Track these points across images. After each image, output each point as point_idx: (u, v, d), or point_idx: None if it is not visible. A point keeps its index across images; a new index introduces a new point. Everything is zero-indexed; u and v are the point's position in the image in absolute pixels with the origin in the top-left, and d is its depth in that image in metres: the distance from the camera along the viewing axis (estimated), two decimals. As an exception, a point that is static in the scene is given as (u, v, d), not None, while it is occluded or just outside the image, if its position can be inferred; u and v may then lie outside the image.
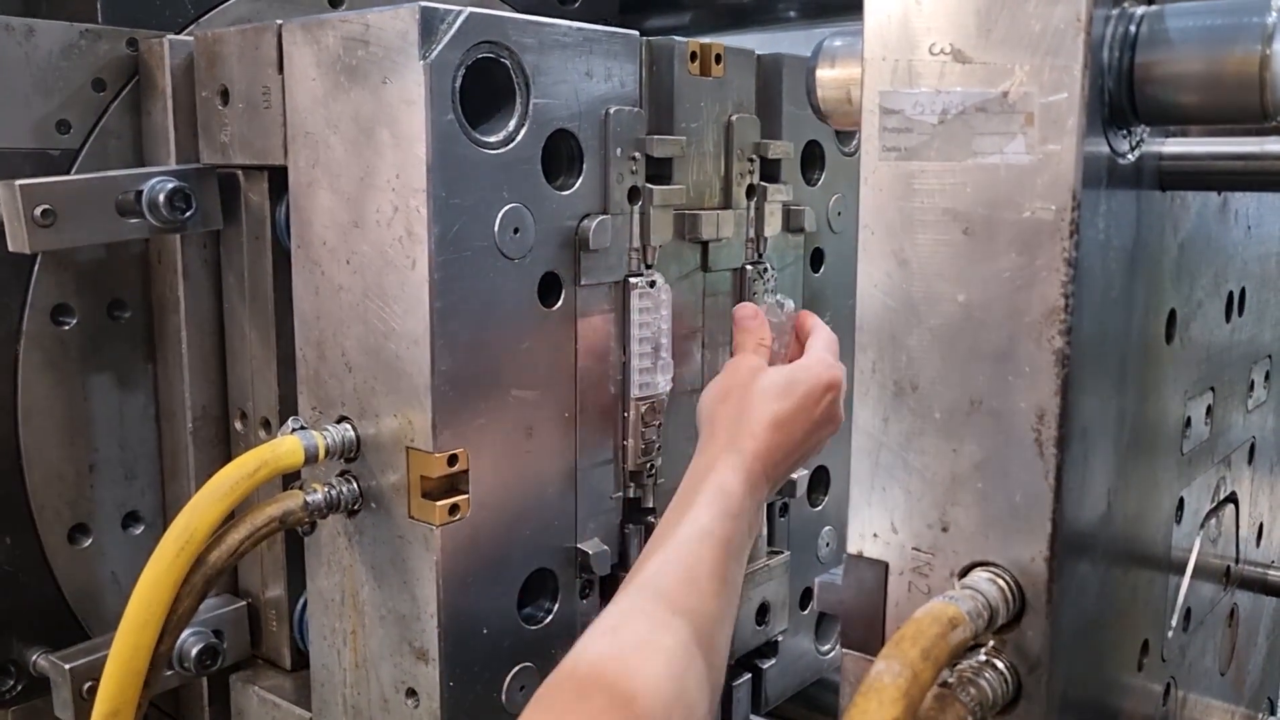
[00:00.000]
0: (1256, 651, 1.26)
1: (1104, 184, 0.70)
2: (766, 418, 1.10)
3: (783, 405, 1.12)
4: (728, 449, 1.08)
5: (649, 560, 0.98)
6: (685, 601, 0.94)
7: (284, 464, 1.07)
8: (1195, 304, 0.89)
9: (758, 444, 1.09)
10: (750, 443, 1.08)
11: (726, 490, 1.04)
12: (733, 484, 1.05)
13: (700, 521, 1.01)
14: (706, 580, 0.97)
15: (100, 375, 1.30)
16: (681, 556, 0.98)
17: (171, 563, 1.00)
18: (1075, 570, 0.74)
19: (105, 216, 1.19)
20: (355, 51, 1.05)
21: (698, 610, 0.94)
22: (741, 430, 1.10)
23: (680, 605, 0.93)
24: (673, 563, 0.97)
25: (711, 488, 1.04)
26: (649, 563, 0.98)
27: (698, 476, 1.07)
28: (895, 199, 0.74)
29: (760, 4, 1.93)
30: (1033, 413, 0.70)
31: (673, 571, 0.97)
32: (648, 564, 0.98)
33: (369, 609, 1.14)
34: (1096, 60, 0.67)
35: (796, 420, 1.12)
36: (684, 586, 0.95)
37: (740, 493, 1.04)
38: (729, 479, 1.05)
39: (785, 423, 1.11)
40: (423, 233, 1.02)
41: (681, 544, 0.99)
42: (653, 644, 0.89)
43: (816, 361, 1.19)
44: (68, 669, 1.20)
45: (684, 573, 0.96)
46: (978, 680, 0.71)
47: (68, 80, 1.23)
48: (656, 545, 1.00)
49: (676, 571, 0.97)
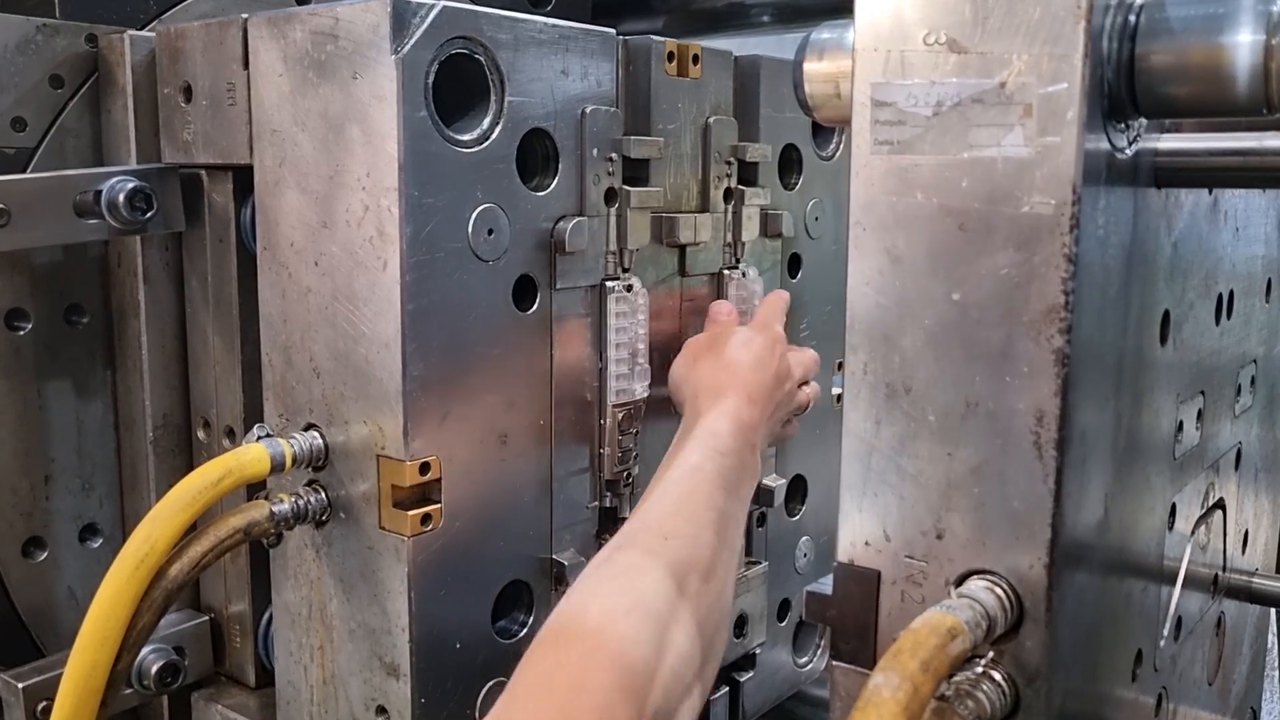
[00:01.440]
0: (1241, 661, 1.24)
1: (1103, 179, 0.68)
2: (740, 363, 1.16)
3: (750, 351, 1.18)
4: (713, 398, 1.11)
5: (640, 506, 1.00)
6: (675, 530, 0.95)
7: (249, 473, 1.03)
8: (1187, 305, 0.87)
9: (739, 387, 1.13)
10: (732, 388, 1.12)
11: (714, 431, 1.07)
12: (720, 425, 1.08)
13: (690, 460, 1.03)
14: (702, 509, 0.98)
15: (57, 382, 1.25)
16: (672, 491, 1.00)
17: (130, 576, 0.95)
18: (1074, 578, 0.71)
19: (62, 217, 1.15)
20: (324, 46, 1.01)
21: (691, 538, 0.95)
22: (719, 380, 1.14)
23: (670, 537, 0.94)
24: (664, 498, 0.99)
25: (699, 431, 1.07)
26: (640, 508, 1.00)
27: (686, 429, 1.10)
28: (887, 194, 0.71)
29: (733, 8, 1.91)
30: (1031, 415, 0.68)
31: (662, 506, 0.98)
32: (639, 509, 0.99)
33: (337, 623, 1.10)
34: (1096, 49, 0.65)
35: (764, 365, 1.18)
36: (674, 516, 0.97)
37: (729, 431, 1.07)
38: (716, 421, 1.08)
39: (757, 365, 1.17)
40: (394, 233, 0.99)
41: (673, 481, 1.01)
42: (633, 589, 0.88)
43: (759, 320, 1.28)
44: (21, 688, 1.15)
45: (673, 505, 0.98)
46: (975, 692, 0.69)
47: (23, 76, 1.19)
48: (649, 490, 1.02)
49: (665, 505, 0.98)
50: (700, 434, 1.07)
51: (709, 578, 0.94)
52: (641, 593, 0.88)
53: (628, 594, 0.87)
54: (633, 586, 0.88)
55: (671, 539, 0.94)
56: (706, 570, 0.94)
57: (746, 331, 1.24)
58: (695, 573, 0.93)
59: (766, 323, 1.28)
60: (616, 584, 0.89)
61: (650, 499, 1.00)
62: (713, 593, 0.95)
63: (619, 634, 0.82)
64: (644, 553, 0.92)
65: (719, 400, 1.11)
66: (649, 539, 0.94)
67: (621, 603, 0.86)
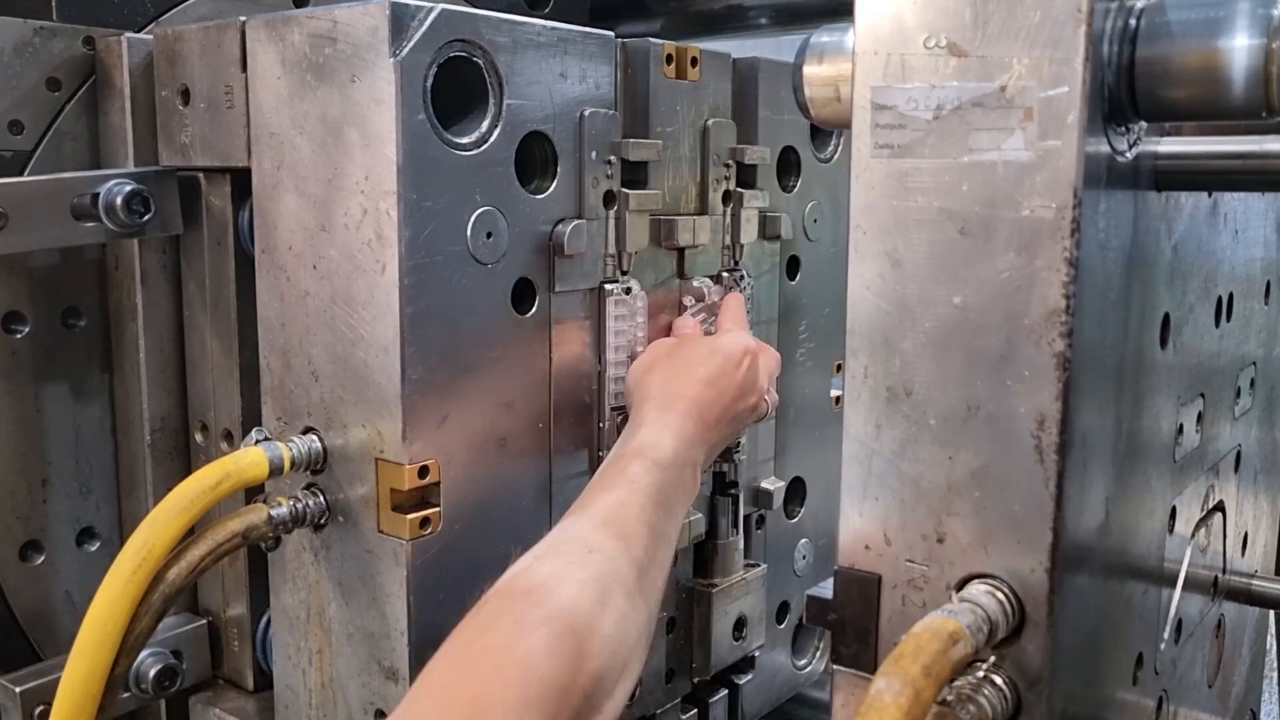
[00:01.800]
0: (1240, 663, 1.24)
1: (1103, 182, 0.68)
2: (695, 377, 1.14)
3: (708, 367, 1.15)
4: (658, 409, 1.10)
5: (568, 515, 0.98)
6: (601, 544, 0.92)
7: (248, 476, 1.02)
8: (1187, 308, 0.87)
9: (687, 402, 1.11)
10: (680, 402, 1.11)
11: (655, 443, 1.05)
12: (662, 438, 1.06)
13: (627, 472, 1.01)
14: (633, 523, 0.96)
15: (54, 386, 1.25)
16: (602, 502, 0.98)
17: (128, 580, 0.95)
18: (1075, 581, 0.71)
19: (60, 220, 1.14)
20: (322, 49, 1.01)
21: (617, 552, 0.92)
22: (670, 391, 1.12)
23: (595, 551, 0.91)
24: (595, 509, 0.97)
25: (639, 441, 1.05)
26: (568, 517, 0.98)
27: (627, 436, 1.09)
28: (887, 198, 0.71)
29: (731, 10, 1.91)
30: (1032, 418, 0.68)
31: (591, 518, 0.96)
32: (567, 517, 0.97)
33: (336, 627, 1.10)
34: (1097, 53, 0.65)
35: (722, 380, 1.15)
36: (603, 530, 0.94)
37: (670, 445, 1.05)
38: (658, 434, 1.06)
39: (713, 381, 1.14)
40: (393, 236, 0.98)
41: (605, 491, 0.99)
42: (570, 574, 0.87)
43: (730, 332, 1.24)
44: (18, 692, 1.15)
45: (603, 517, 0.95)
46: (977, 697, 0.69)
47: (20, 79, 1.19)
48: (580, 501, 1.00)
49: (595, 516, 0.96)
50: (641, 445, 1.05)
51: (631, 594, 0.90)
52: (557, 606, 0.84)
53: (542, 605, 0.84)
54: (549, 599, 0.84)
55: (596, 553, 0.91)
56: (631, 587, 0.90)
57: (712, 342, 1.20)
58: (619, 587, 0.89)
59: (734, 331, 1.24)
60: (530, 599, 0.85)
61: (580, 508, 0.98)
62: (635, 611, 0.90)
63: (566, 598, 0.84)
64: (566, 563, 0.89)
65: (666, 412, 1.09)
66: (573, 550, 0.91)
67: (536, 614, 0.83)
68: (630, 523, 0.96)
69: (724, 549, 1.38)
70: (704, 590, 1.37)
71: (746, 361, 1.19)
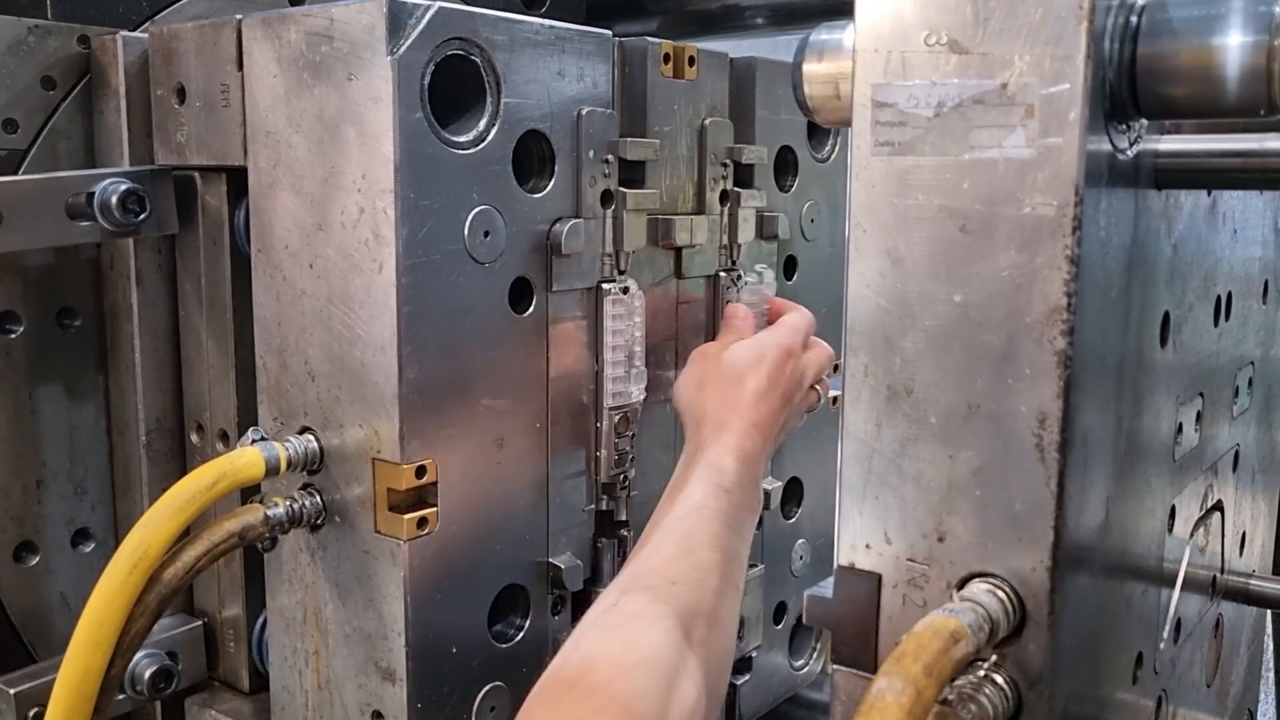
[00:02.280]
0: (1239, 663, 1.24)
1: (1104, 180, 0.68)
2: (748, 394, 1.13)
3: (758, 378, 1.14)
4: (716, 430, 1.09)
5: (644, 544, 0.99)
6: (682, 574, 0.93)
7: (244, 476, 1.02)
8: (1187, 307, 0.87)
9: (745, 421, 1.10)
10: (738, 420, 1.10)
11: (719, 466, 1.05)
12: (725, 460, 1.06)
13: (694, 497, 1.02)
14: (705, 550, 0.97)
15: (49, 386, 1.24)
16: (677, 531, 0.99)
17: (124, 581, 0.95)
18: (1076, 580, 0.71)
19: (55, 219, 1.14)
20: (319, 47, 1.01)
21: (697, 582, 0.93)
22: (726, 409, 1.11)
23: (677, 582, 0.92)
24: (669, 538, 0.98)
25: (703, 466, 1.05)
26: (644, 547, 0.98)
27: (689, 461, 1.08)
28: (888, 195, 0.71)
29: (727, 10, 1.91)
30: (1034, 417, 0.67)
31: (668, 548, 0.97)
32: (643, 548, 0.98)
33: (333, 628, 1.10)
34: (1099, 51, 0.64)
35: (774, 389, 1.15)
36: (680, 560, 0.95)
37: (733, 468, 1.05)
38: (720, 456, 1.06)
39: (766, 393, 1.14)
40: (390, 235, 0.98)
41: (677, 520, 1.00)
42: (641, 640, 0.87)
43: (775, 332, 1.23)
44: (12, 694, 1.14)
45: (678, 547, 0.97)
46: (978, 696, 0.68)
47: (15, 78, 1.18)
48: (652, 528, 1.01)
49: (671, 547, 0.97)
50: (704, 469, 1.05)
51: (715, 622, 0.93)
52: (650, 643, 0.86)
53: (636, 647, 0.86)
54: (641, 637, 0.87)
55: (678, 584, 0.93)
56: (712, 614, 0.93)
57: (756, 347, 1.18)
58: (702, 618, 0.91)
59: (779, 329, 1.24)
60: (624, 634, 0.87)
61: (654, 538, 0.99)
62: (719, 638, 0.93)
63: (627, 690, 0.81)
64: (650, 599, 0.91)
65: (723, 431, 1.09)
66: (655, 583, 0.93)
67: (629, 656, 0.84)
68: (706, 551, 0.97)
69: (721, 549, 1.38)
70: (701, 591, 1.37)
71: (790, 365, 1.19)
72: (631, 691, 0.81)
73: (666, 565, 0.95)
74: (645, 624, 0.88)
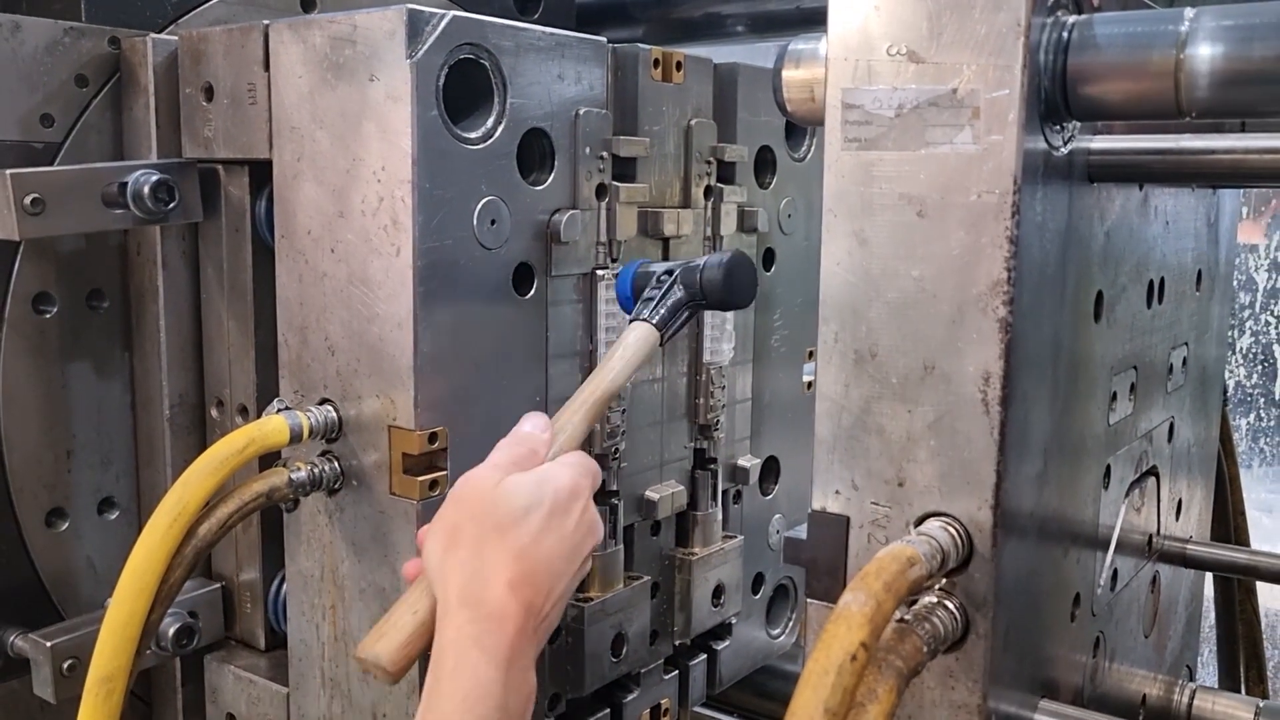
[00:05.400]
0: (1176, 620, 1.35)
1: (1040, 173, 0.79)
2: (515, 557, 0.90)
3: (534, 536, 0.91)
4: (471, 621, 0.87)
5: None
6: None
7: (271, 442, 1.11)
8: (1120, 288, 0.98)
9: (514, 606, 0.87)
10: (501, 609, 0.87)
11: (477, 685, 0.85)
12: (485, 674, 0.85)
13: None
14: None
15: (79, 363, 1.33)
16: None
17: (165, 533, 1.04)
18: (1017, 520, 0.82)
19: (91, 207, 1.23)
20: (343, 50, 1.10)
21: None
22: (487, 590, 0.88)
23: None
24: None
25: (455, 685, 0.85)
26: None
27: (439, 672, 0.86)
28: (856, 185, 0.82)
29: (710, 18, 2.01)
30: (980, 376, 0.78)
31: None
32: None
33: (349, 584, 1.19)
34: (1034, 61, 0.76)
35: (556, 552, 0.92)
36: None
37: (496, 682, 0.85)
38: (478, 667, 0.85)
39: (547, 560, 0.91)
40: (408, 221, 1.08)
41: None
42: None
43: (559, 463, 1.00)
44: (49, 646, 1.23)
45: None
46: (931, 617, 0.79)
47: (51, 75, 1.27)
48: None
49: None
50: (460, 700, 0.84)
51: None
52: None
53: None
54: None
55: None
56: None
57: (536, 487, 0.94)
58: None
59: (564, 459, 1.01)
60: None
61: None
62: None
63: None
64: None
65: (480, 636, 0.86)
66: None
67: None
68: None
69: (704, 520, 1.49)
70: (685, 559, 1.47)
71: (578, 507, 0.96)
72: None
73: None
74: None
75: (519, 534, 0.91)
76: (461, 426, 1.15)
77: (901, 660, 0.74)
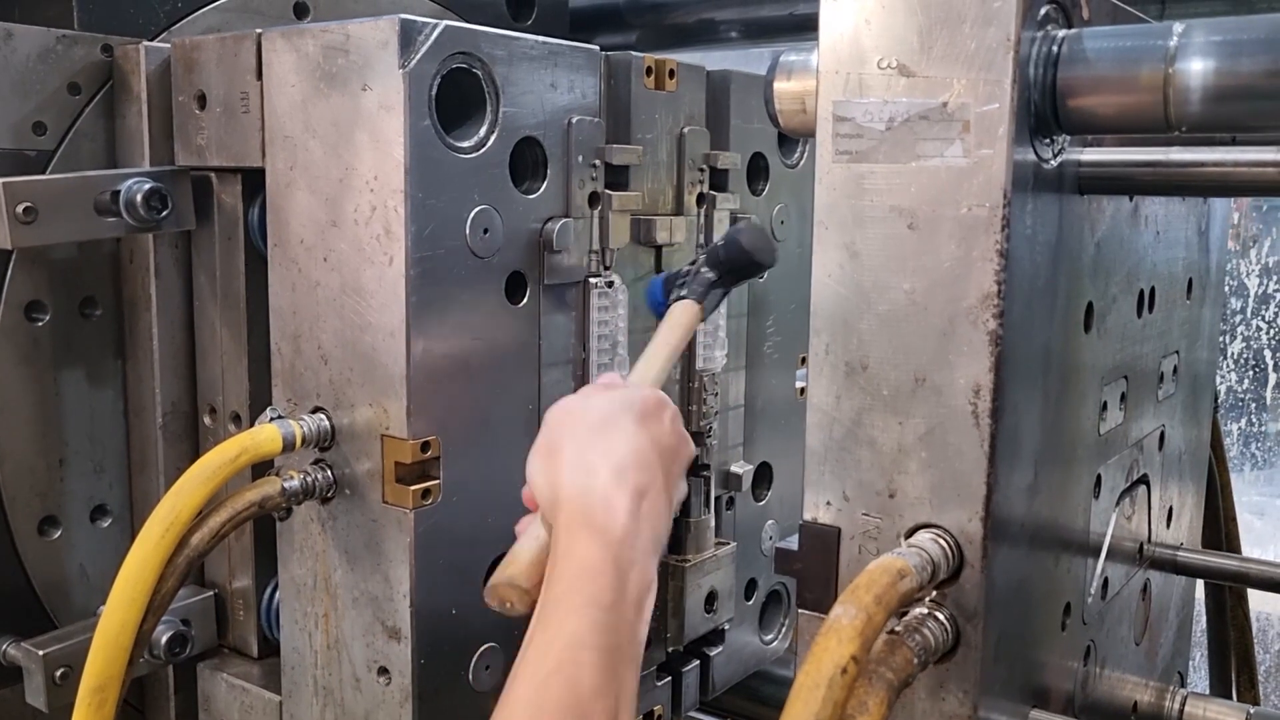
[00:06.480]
0: (1168, 627, 1.36)
1: (1030, 186, 0.79)
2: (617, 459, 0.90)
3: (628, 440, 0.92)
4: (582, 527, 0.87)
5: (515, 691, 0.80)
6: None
7: (263, 450, 1.11)
8: (1110, 298, 0.99)
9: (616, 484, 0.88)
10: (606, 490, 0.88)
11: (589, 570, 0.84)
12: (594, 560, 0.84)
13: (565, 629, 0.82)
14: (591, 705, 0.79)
15: (72, 371, 1.33)
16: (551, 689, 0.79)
17: (157, 543, 1.04)
18: (1007, 531, 0.82)
19: (84, 215, 1.23)
20: (335, 59, 1.11)
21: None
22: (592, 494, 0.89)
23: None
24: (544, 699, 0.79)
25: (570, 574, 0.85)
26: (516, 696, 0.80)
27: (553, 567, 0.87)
28: (847, 197, 0.82)
29: (703, 24, 2.02)
30: (970, 388, 0.79)
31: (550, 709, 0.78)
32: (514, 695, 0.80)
33: (341, 592, 1.19)
34: (1024, 75, 0.76)
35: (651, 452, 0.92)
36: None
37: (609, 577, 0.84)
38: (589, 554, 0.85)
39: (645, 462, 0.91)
40: (400, 231, 1.08)
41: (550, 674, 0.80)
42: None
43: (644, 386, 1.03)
44: (42, 655, 1.23)
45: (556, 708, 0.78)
46: (922, 629, 0.79)
47: (44, 83, 1.27)
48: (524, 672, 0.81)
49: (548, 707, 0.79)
50: (572, 580, 0.84)
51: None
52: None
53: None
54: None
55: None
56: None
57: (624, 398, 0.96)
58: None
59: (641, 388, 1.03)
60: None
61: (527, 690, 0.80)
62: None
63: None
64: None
65: (589, 513, 0.86)
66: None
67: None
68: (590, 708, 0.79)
69: (697, 527, 1.49)
70: (678, 565, 1.48)
71: (668, 415, 0.98)
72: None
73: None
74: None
75: (615, 431, 0.92)
76: (454, 435, 1.15)
77: (892, 672, 0.74)
